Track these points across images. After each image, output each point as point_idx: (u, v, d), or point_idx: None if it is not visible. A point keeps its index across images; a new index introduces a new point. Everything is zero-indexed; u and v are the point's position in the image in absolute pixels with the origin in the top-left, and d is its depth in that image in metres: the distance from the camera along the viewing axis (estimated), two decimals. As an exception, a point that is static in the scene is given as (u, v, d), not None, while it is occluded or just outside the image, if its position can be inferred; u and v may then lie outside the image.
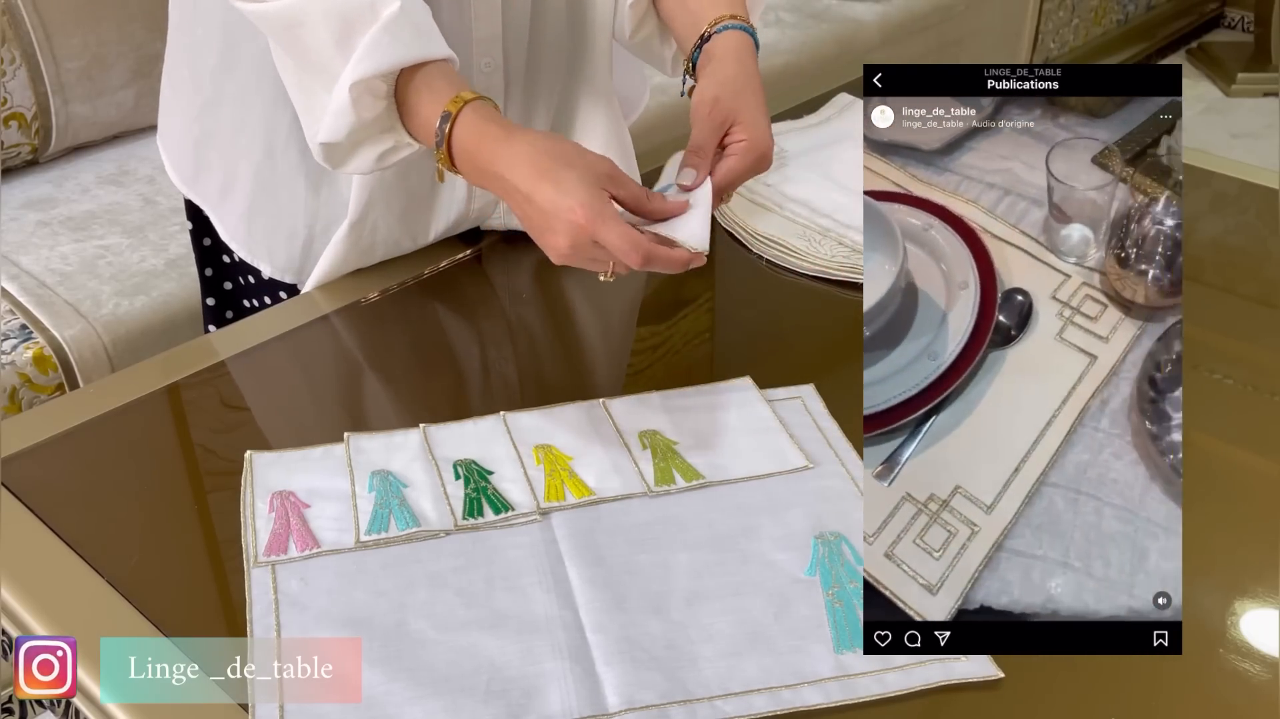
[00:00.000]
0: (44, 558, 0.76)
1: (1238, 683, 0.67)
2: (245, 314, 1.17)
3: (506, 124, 0.81)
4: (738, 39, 0.89)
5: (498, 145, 0.79)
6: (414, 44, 0.81)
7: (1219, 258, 1.14)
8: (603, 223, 0.75)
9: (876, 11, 2.60)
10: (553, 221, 0.77)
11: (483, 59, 0.97)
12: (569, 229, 0.76)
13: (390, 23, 0.80)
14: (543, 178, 0.77)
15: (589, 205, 0.75)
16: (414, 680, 0.66)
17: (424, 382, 0.96)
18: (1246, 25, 3.88)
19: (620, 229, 0.75)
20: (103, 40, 1.86)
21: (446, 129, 0.80)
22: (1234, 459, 0.87)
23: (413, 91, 0.82)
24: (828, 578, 0.73)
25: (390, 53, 0.80)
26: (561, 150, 0.79)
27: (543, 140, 0.80)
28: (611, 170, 0.79)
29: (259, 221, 1.06)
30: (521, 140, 0.79)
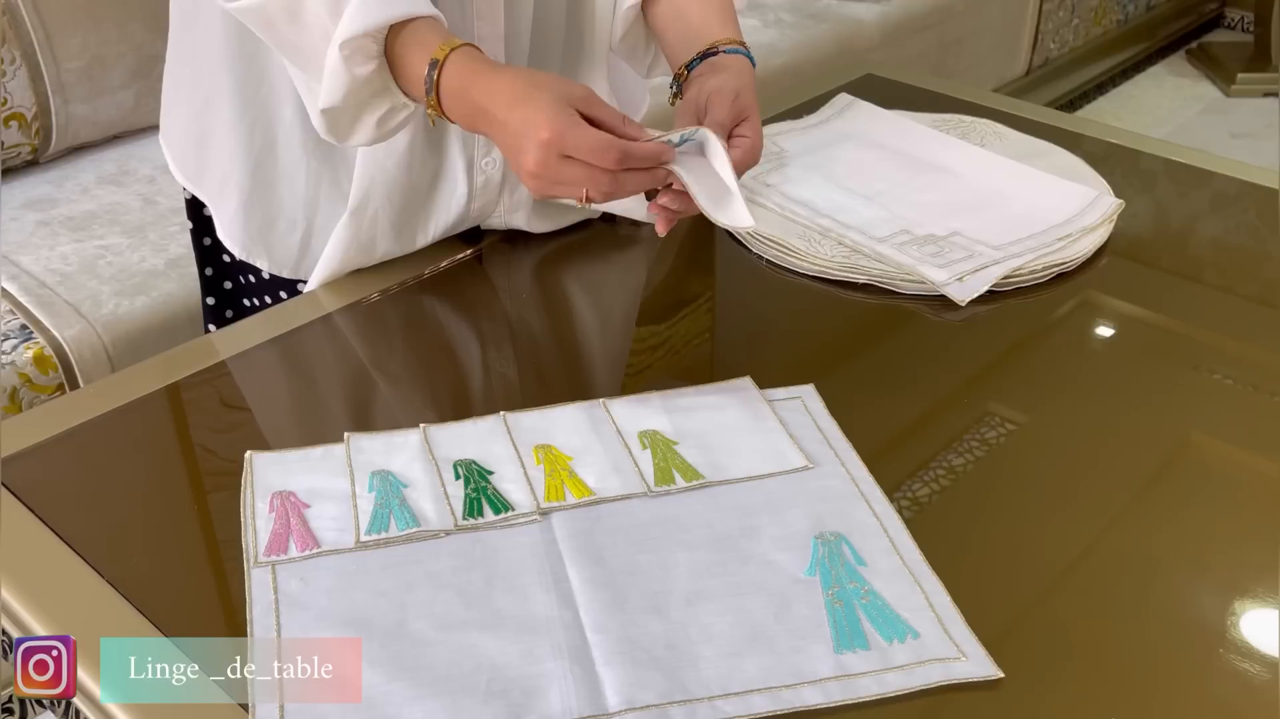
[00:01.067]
0: (44, 558, 0.76)
1: (1238, 683, 0.67)
2: (245, 313, 1.17)
3: (492, 63, 0.83)
4: (745, 63, 0.93)
5: (481, 79, 0.81)
6: (401, 1, 0.82)
7: (1219, 258, 1.15)
8: (570, 132, 0.76)
9: (876, 11, 2.60)
10: (523, 141, 0.78)
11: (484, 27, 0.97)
12: (536, 146, 0.77)
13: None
14: (517, 102, 0.78)
15: (554, 121, 0.76)
16: (414, 680, 0.66)
17: (424, 382, 0.96)
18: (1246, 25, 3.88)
19: (589, 134, 0.76)
20: (103, 40, 1.86)
21: (435, 75, 0.82)
22: (1234, 459, 0.87)
23: (402, 47, 0.83)
24: (828, 578, 0.73)
25: (379, 10, 0.81)
26: (541, 78, 0.80)
27: (525, 71, 0.82)
28: (586, 94, 0.79)
29: (255, 217, 1.06)
30: (505, 73, 0.81)
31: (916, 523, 0.78)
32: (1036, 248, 1.06)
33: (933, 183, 1.19)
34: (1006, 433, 0.87)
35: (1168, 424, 0.89)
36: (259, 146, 1.02)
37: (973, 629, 0.69)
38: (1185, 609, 0.73)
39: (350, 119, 0.88)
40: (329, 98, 0.85)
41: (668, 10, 0.97)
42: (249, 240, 1.08)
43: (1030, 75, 3.22)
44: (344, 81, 0.83)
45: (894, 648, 0.69)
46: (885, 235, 1.08)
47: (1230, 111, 3.43)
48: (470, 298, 1.06)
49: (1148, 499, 0.81)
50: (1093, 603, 0.73)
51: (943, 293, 1.01)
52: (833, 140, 1.28)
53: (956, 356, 0.97)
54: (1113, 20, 3.51)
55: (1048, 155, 1.23)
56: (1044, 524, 0.79)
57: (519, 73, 0.82)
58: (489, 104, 0.81)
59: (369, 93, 0.86)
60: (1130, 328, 1.04)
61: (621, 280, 1.10)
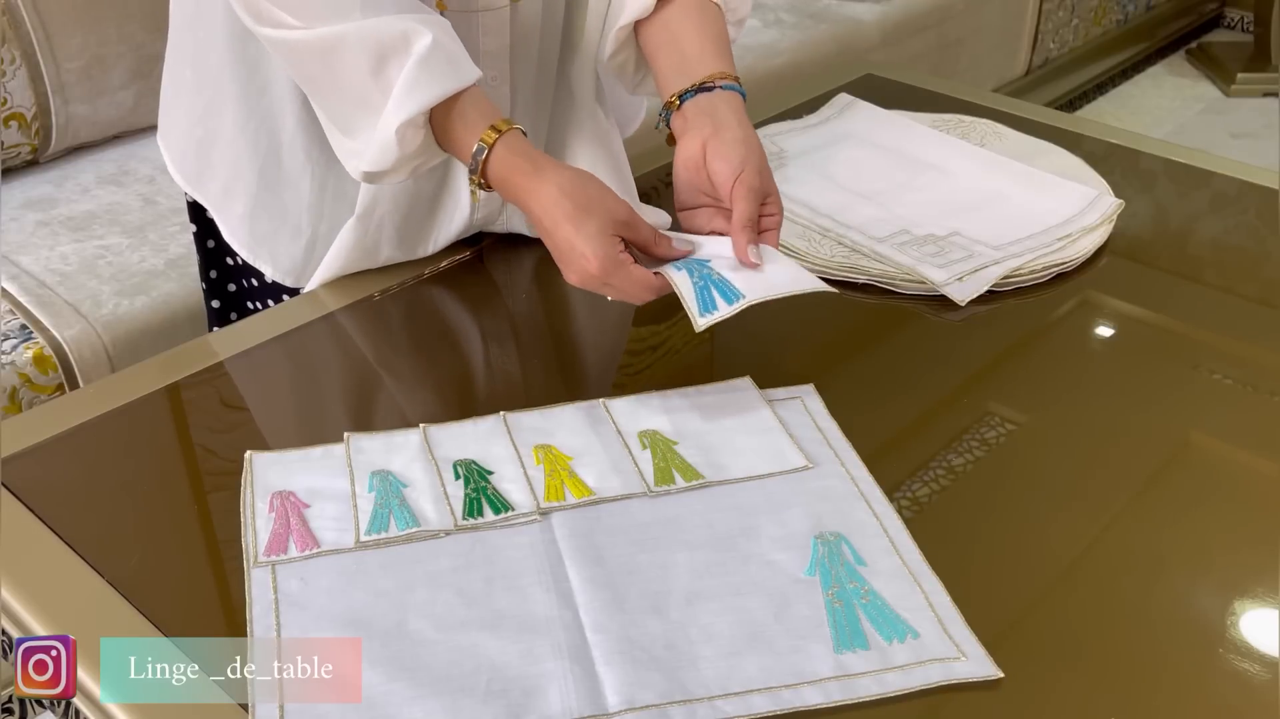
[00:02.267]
0: (44, 558, 0.76)
1: (1238, 683, 0.67)
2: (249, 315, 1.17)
3: (534, 157, 0.86)
4: (738, 101, 0.91)
5: (525, 180, 0.85)
6: (449, 77, 0.85)
7: (1219, 258, 1.15)
8: (615, 271, 0.82)
9: (876, 11, 2.60)
10: (569, 261, 0.84)
11: (489, 72, 0.98)
12: (582, 274, 0.83)
13: (425, 57, 0.84)
14: (564, 220, 0.83)
15: (602, 257, 0.82)
16: (414, 680, 0.66)
17: (424, 381, 0.96)
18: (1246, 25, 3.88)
19: (631, 276, 0.83)
20: (103, 40, 1.86)
21: (480, 160, 0.86)
22: (1234, 459, 0.87)
23: (448, 119, 0.87)
24: (827, 578, 0.73)
25: (428, 91, 0.85)
26: (584, 194, 0.84)
27: (567, 181, 0.84)
28: (628, 217, 0.84)
29: (261, 222, 1.06)
30: (548, 179, 0.84)
31: (916, 523, 0.78)
32: (1036, 248, 1.06)
33: (933, 183, 1.19)
34: (1006, 433, 0.87)
35: (1168, 424, 0.89)
36: (264, 152, 1.02)
37: (972, 629, 0.69)
38: (1185, 609, 0.73)
39: (390, 175, 0.91)
40: (377, 165, 0.88)
41: (661, 35, 0.95)
42: (255, 244, 1.08)
43: (1030, 75, 3.22)
44: (394, 155, 0.87)
45: (894, 648, 0.69)
46: (885, 235, 1.08)
47: (1230, 111, 3.43)
48: (470, 298, 1.06)
49: (1148, 499, 0.81)
50: (1093, 603, 0.73)
51: (942, 293, 1.01)
52: (832, 140, 1.28)
53: (956, 357, 0.97)
54: (1113, 20, 3.51)
55: (1048, 155, 1.23)
56: (1044, 524, 0.79)
57: (562, 183, 0.84)
58: (534, 209, 0.85)
59: (415, 158, 0.89)
60: (1130, 328, 1.04)
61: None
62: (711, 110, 0.90)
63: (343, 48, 0.85)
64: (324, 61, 0.86)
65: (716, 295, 0.83)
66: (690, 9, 0.95)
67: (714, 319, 0.81)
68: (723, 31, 0.96)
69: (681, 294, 0.83)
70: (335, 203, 1.04)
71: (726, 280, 0.83)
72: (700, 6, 0.95)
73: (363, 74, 0.85)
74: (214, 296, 1.19)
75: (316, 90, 0.91)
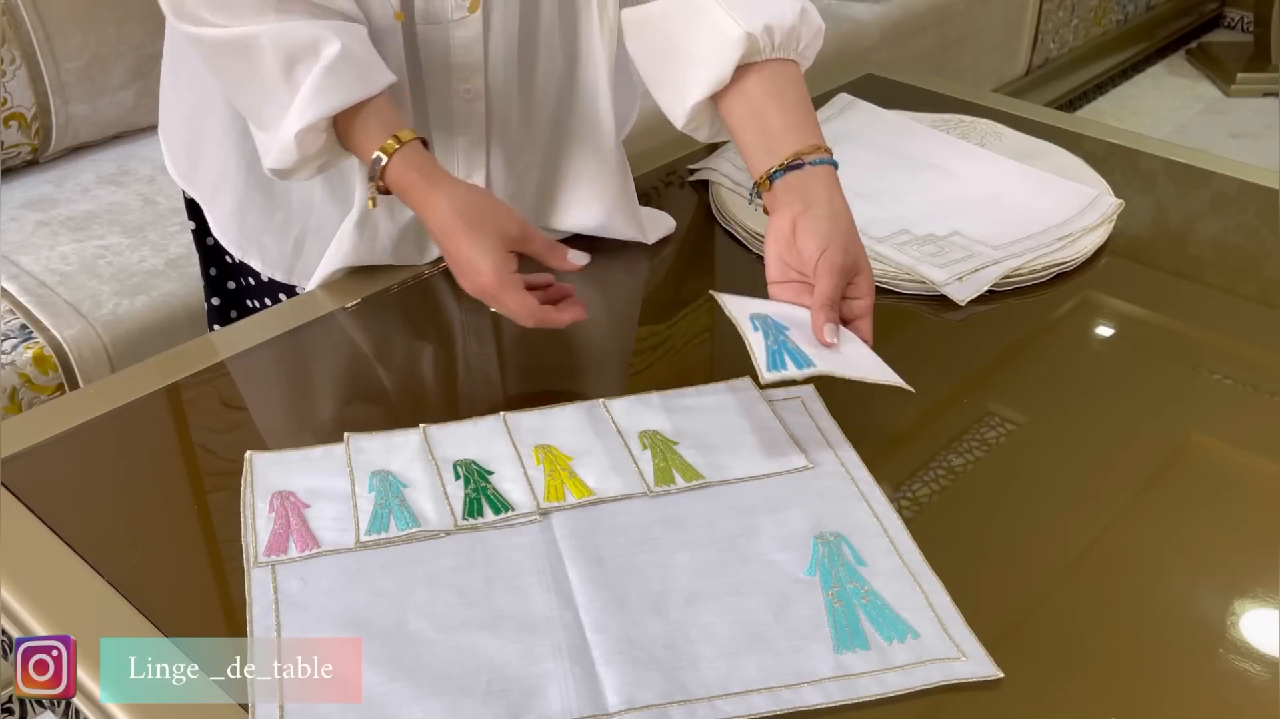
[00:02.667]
0: (44, 558, 0.76)
1: (1238, 683, 0.67)
2: (249, 314, 1.17)
3: (428, 171, 0.89)
4: (830, 176, 0.89)
5: (419, 194, 0.89)
6: (355, 86, 0.88)
7: (1219, 258, 1.15)
8: (504, 290, 0.86)
9: (876, 11, 2.60)
10: (464, 273, 0.88)
11: (462, 85, 0.98)
12: (475, 288, 0.88)
13: (332, 65, 0.87)
14: (456, 235, 0.87)
15: (494, 273, 0.86)
16: (414, 680, 0.66)
17: (424, 381, 0.96)
18: (1246, 25, 3.88)
19: (518, 297, 0.86)
20: (103, 40, 1.86)
21: (378, 170, 0.89)
22: (1234, 459, 0.87)
23: (350, 126, 0.90)
24: (827, 578, 0.73)
25: (330, 98, 0.87)
26: (477, 211, 0.87)
27: (460, 199, 0.88)
28: (520, 233, 0.88)
29: (250, 218, 1.07)
30: (441, 194, 0.88)
31: (916, 523, 0.78)
32: (1036, 248, 1.06)
33: (932, 183, 1.19)
34: (1006, 433, 0.87)
35: (1168, 424, 0.89)
36: (250, 152, 1.02)
37: (973, 629, 0.69)
38: (1185, 609, 0.73)
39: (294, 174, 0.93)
40: (278, 163, 0.91)
41: (742, 110, 0.92)
42: (244, 240, 1.08)
43: (1030, 75, 3.22)
44: (293, 157, 0.90)
45: (894, 648, 0.69)
46: (885, 235, 1.08)
47: (1230, 111, 3.43)
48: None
49: (1147, 499, 0.81)
50: (1093, 603, 0.73)
51: (942, 293, 1.01)
52: (832, 140, 1.26)
53: (956, 356, 0.97)
54: (1112, 20, 3.51)
55: (1048, 155, 1.23)
56: (1044, 524, 0.79)
57: (454, 199, 0.87)
58: (429, 223, 0.89)
59: (317, 159, 0.92)
60: (1130, 328, 1.03)
61: (621, 280, 1.10)
62: (802, 188, 0.88)
63: (256, 47, 0.87)
64: (239, 59, 0.88)
65: (788, 358, 0.82)
66: (769, 77, 0.92)
67: (780, 376, 0.81)
68: (803, 95, 0.93)
69: (752, 349, 0.83)
70: (323, 200, 1.04)
71: (800, 350, 0.83)
72: (777, 73, 0.92)
73: (274, 74, 0.87)
74: (214, 294, 1.19)
75: (232, 85, 0.93)
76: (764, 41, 0.91)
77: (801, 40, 0.93)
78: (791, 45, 0.92)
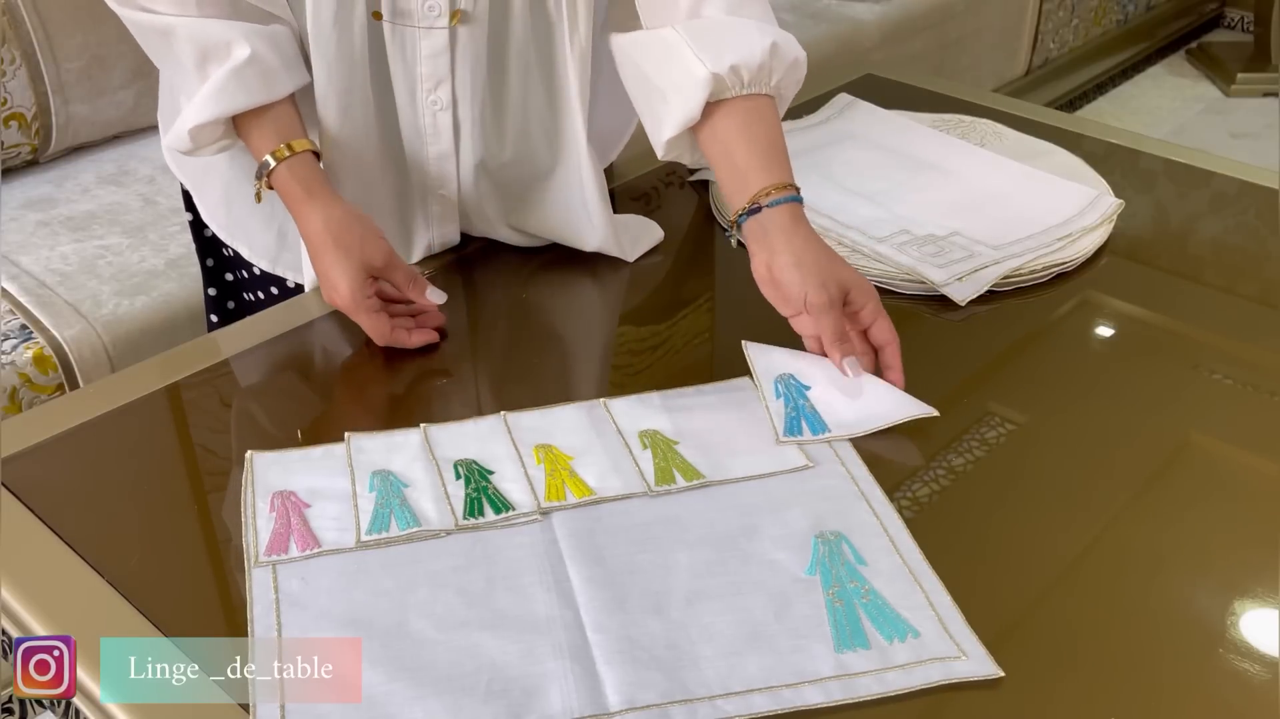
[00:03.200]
0: (44, 558, 0.76)
1: (1238, 683, 0.67)
2: (245, 304, 1.17)
3: (310, 185, 0.94)
4: (793, 212, 0.90)
5: (297, 204, 0.94)
6: (257, 91, 0.93)
7: (1219, 258, 1.15)
8: (357, 311, 0.93)
9: (876, 11, 2.60)
10: (324, 286, 0.94)
11: (428, 97, 1.00)
12: (331, 302, 0.95)
13: (239, 68, 0.91)
14: (323, 250, 0.93)
15: (350, 294, 0.92)
16: (415, 680, 0.66)
17: (425, 381, 0.96)
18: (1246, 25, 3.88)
19: (370, 320, 0.93)
20: (103, 40, 1.86)
21: (265, 174, 0.94)
22: (1234, 459, 0.87)
23: (248, 127, 0.95)
24: (828, 577, 0.73)
25: (231, 101, 0.92)
26: (347, 233, 0.93)
27: (334, 219, 0.93)
28: (384, 263, 0.94)
29: (236, 205, 1.08)
30: (316, 210, 0.93)
31: (916, 523, 0.78)
32: (1036, 248, 1.06)
33: (932, 183, 1.19)
34: (1006, 433, 0.87)
35: (1168, 424, 0.89)
36: None
37: (973, 628, 0.69)
38: (1185, 609, 0.73)
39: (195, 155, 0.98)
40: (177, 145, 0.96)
41: (713, 146, 0.94)
42: (232, 226, 1.09)
43: (1030, 75, 3.22)
44: (188, 145, 0.95)
45: (894, 647, 0.69)
46: (885, 235, 1.08)
47: (1230, 111, 3.43)
48: (470, 297, 1.06)
49: (1148, 499, 0.81)
50: (1093, 602, 0.73)
51: (942, 293, 1.01)
52: (832, 140, 1.28)
53: (956, 357, 0.97)
54: (1112, 20, 3.51)
55: (1048, 155, 1.23)
56: (1044, 524, 0.79)
57: (328, 221, 0.93)
58: (303, 232, 0.95)
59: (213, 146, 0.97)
60: (1130, 328, 1.04)
61: (621, 280, 1.10)
62: (763, 235, 0.89)
63: (174, 38, 0.92)
64: (160, 44, 0.94)
65: (804, 424, 0.86)
66: (739, 114, 0.92)
67: (794, 441, 0.85)
68: (772, 130, 0.93)
69: (771, 414, 0.86)
70: None
71: (818, 415, 0.86)
72: (748, 109, 0.92)
73: (188, 64, 0.93)
74: (211, 284, 1.20)
75: (158, 63, 0.99)
76: (731, 80, 0.91)
77: (774, 75, 0.93)
78: (763, 81, 0.93)
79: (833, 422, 0.86)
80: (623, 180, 1.24)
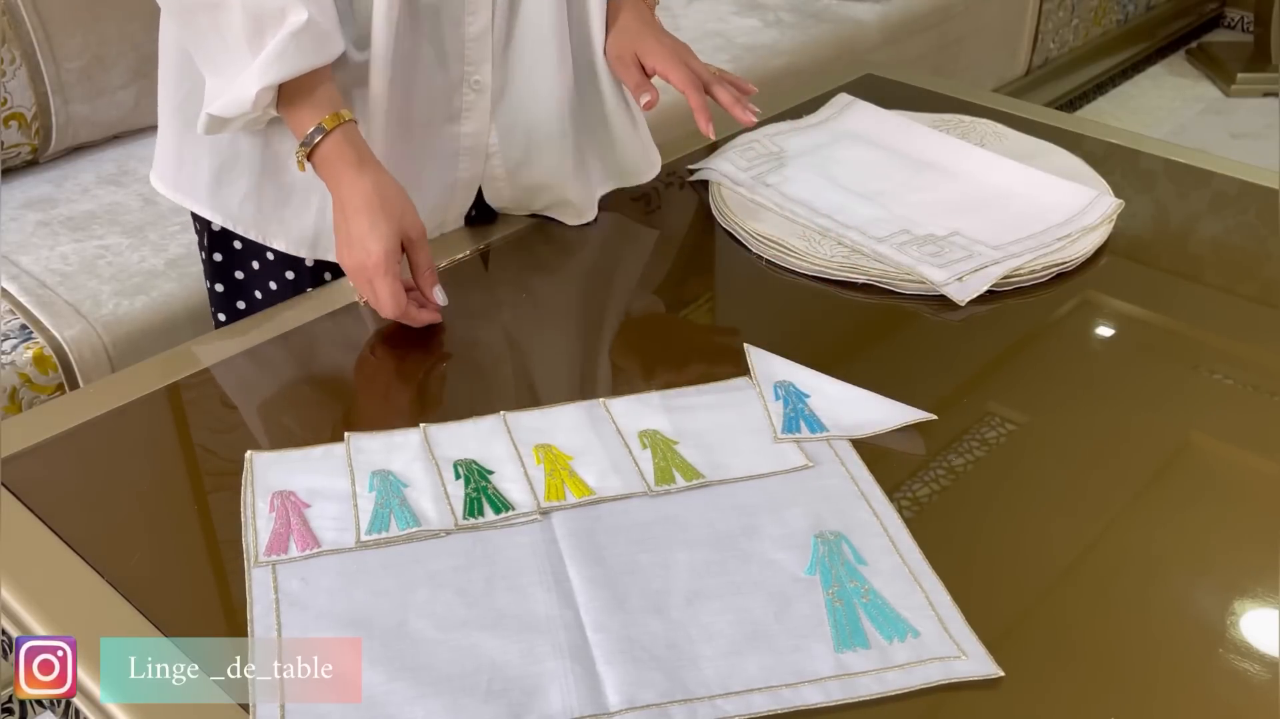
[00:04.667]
0: (44, 558, 0.76)
1: (1238, 683, 0.67)
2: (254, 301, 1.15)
3: (362, 151, 0.96)
4: None
5: (348, 168, 0.94)
6: (314, 54, 0.93)
7: (1219, 258, 1.15)
8: (381, 275, 0.93)
9: (876, 11, 2.60)
10: (353, 248, 0.94)
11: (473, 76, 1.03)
12: (358, 263, 0.94)
13: (298, 31, 0.92)
14: (365, 211, 0.93)
15: (383, 257, 0.92)
16: (415, 680, 0.66)
17: (424, 381, 0.96)
18: (1246, 25, 3.88)
19: (393, 286, 0.93)
20: (103, 40, 1.86)
21: (317, 139, 0.94)
22: (1234, 459, 0.87)
23: (298, 93, 0.95)
24: (828, 577, 0.73)
25: (293, 63, 0.92)
26: (392, 199, 0.94)
27: (384, 183, 0.95)
28: (418, 237, 0.96)
29: (268, 195, 1.05)
30: (367, 175, 0.94)
31: (916, 523, 0.78)
32: (1036, 248, 1.06)
33: (932, 183, 1.19)
34: (1006, 433, 0.87)
35: (1168, 424, 0.89)
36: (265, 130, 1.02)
37: (973, 628, 0.69)
38: (1185, 609, 0.73)
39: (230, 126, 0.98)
40: (225, 112, 0.95)
41: None
42: (262, 220, 1.06)
43: (1030, 75, 3.22)
44: (244, 111, 0.94)
45: (894, 647, 0.69)
46: (885, 235, 1.08)
47: (1230, 111, 3.43)
48: (471, 297, 1.06)
49: (1148, 499, 0.81)
50: (1093, 602, 0.73)
51: (942, 293, 1.01)
52: (832, 140, 1.28)
53: (956, 357, 0.97)
54: (1112, 20, 3.51)
55: (1048, 155, 1.23)
56: (1044, 523, 0.79)
57: (378, 181, 0.94)
58: (344, 194, 0.94)
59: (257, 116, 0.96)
60: (1130, 328, 1.03)
61: (622, 280, 1.10)
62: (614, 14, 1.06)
63: (225, 8, 0.92)
64: (206, 16, 0.93)
65: (803, 424, 0.86)
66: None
67: (792, 439, 0.85)
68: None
69: (770, 413, 0.87)
70: None
71: (816, 417, 0.87)
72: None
73: (239, 36, 0.92)
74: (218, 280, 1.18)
75: (194, 36, 0.97)
76: None
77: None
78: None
79: (832, 424, 0.86)
80: (623, 180, 1.23)
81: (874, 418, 0.86)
